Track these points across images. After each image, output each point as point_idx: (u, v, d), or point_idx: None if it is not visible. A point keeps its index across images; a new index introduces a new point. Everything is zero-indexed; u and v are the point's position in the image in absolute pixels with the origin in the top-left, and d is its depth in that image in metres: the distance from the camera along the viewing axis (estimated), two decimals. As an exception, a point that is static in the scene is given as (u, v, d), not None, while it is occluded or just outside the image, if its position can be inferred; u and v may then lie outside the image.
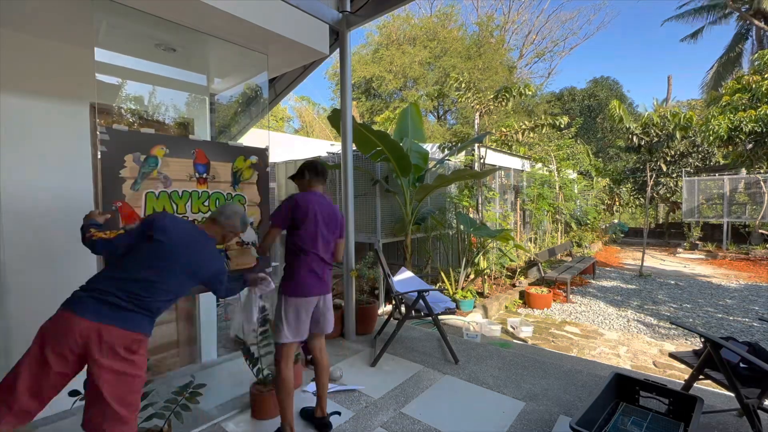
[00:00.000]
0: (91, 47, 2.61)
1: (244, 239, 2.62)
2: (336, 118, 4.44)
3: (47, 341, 1.43)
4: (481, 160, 6.90)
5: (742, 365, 2.29)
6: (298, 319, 2.22)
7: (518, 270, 7.45)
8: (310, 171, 2.36)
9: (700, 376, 2.40)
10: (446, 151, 6.83)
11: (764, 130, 9.97)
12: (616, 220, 16.23)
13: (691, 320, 5.59)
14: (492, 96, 7.01)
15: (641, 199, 15.72)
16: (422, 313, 3.43)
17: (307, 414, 2.47)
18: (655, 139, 13.92)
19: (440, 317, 3.48)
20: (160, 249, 1.64)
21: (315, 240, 2.25)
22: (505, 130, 8.32)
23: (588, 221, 11.73)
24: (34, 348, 1.44)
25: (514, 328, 5.08)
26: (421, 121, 6.17)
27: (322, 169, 2.40)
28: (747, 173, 12.03)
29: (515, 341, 4.54)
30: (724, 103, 10.90)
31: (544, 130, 8.27)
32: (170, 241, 1.66)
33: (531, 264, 8.03)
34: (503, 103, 6.94)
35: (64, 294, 1.57)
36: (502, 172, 8.69)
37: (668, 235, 15.26)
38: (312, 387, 2.80)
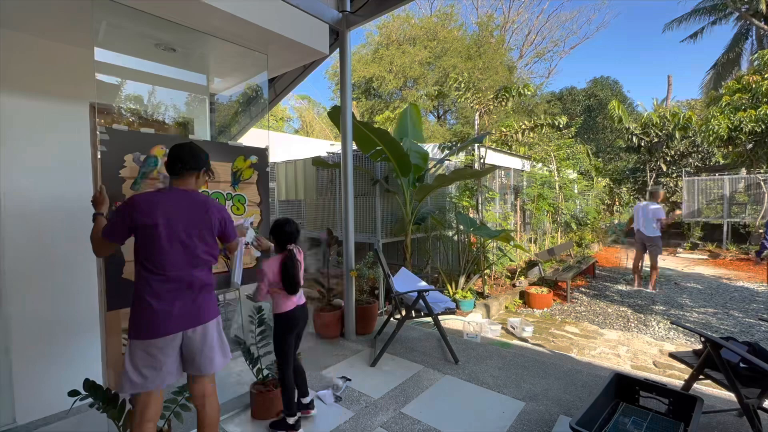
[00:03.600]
0: (91, 47, 2.61)
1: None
2: (336, 115, 4.44)
3: None
4: (481, 160, 6.91)
5: (742, 365, 2.29)
6: (147, 364, 1.66)
7: (518, 270, 7.45)
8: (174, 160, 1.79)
9: (700, 376, 2.40)
10: (446, 151, 6.83)
11: (764, 130, 9.96)
12: (617, 221, 16.22)
13: (691, 320, 5.58)
14: (492, 96, 7.01)
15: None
16: (422, 313, 3.43)
17: None
18: (655, 140, 13.93)
19: (440, 317, 3.48)
20: None
21: (164, 254, 1.67)
22: (505, 130, 8.33)
23: (588, 221, 11.72)
24: None
25: (514, 328, 5.08)
26: (421, 122, 6.18)
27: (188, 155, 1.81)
28: (747, 173, 12.03)
29: (515, 341, 4.54)
30: (724, 103, 10.90)
31: (543, 130, 8.27)
32: None
33: (531, 264, 8.03)
34: (503, 103, 6.94)
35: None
36: (502, 172, 8.68)
37: (668, 235, 15.25)
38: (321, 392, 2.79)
